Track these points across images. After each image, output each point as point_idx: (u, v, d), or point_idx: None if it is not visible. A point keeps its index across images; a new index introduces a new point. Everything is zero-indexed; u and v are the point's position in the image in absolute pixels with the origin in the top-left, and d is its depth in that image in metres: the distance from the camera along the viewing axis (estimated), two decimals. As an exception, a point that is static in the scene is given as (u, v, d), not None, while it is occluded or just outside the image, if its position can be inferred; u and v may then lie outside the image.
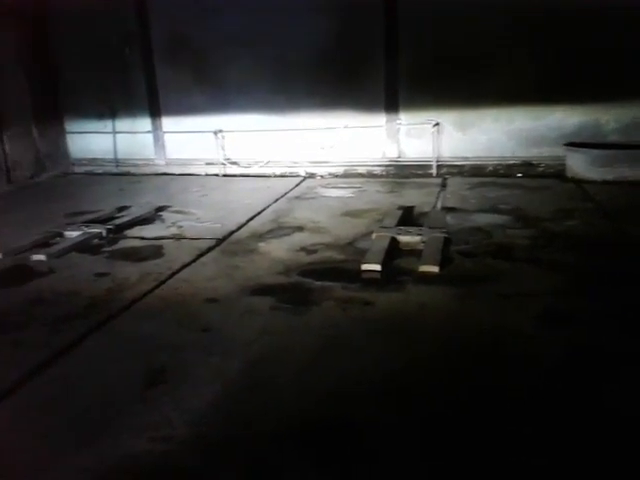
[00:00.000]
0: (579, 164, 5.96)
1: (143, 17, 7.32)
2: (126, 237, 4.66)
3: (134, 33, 7.37)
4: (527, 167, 6.51)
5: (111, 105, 7.62)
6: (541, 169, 6.47)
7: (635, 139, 6.08)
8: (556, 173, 6.28)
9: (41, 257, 4.09)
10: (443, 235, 4.09)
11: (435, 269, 3.53)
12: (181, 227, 4.90)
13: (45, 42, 7.57)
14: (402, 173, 6.88)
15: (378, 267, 3.59)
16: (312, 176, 7.10)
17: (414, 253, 3.91)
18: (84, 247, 4.40)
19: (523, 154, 6.55)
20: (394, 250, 3.98)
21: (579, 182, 5.88)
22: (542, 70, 6.21)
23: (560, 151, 6.26)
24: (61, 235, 4.63)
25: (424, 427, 2.06)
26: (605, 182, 5.75)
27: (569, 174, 6.10)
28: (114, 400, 2.31)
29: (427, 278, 3.46)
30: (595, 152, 5.87)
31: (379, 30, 6.65)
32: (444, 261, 3.68)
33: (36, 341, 2.85)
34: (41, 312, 3.20)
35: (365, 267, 3.62)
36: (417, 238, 4.09)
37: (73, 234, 4.60)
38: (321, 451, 1.96)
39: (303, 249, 4.16)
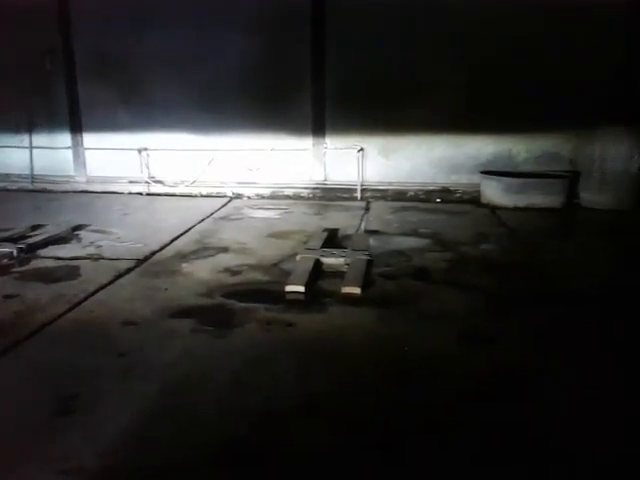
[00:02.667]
0: (493, 191, 6.30)
1: (65, 32, 7.10)
2: (39, 257, 4.43)
3: (57, 47, 7.13)
4: (446, 193, 6.81)
5: (29, 119, 7.28)
6: (459, 195, 6.78)
7: (544, 169, 6.52)
8: (472, 199, 6.61)
9: (-58, 278, 3.81)
10: (366, 258, 4.19)
11: (357, 291, 3.60)
12: (100, 247, 4.72)
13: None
14: (328, 196, 6.99)
15: (302, 288, 3.61)
16: (239, 197, 7.07)
17: (338, 275, 3.96)
18: (-8, 267, 4.14)
19: (443, 180, 6.85)
20: (318, 272, 4.02)
21: (493, 208, 6.21)
22: (463, 101, 6.55)
23: (476, 178, 6.61)
24: (-34, 254, 4.34)
25: (337, 445, 2.07)
26: (517, 208, 6.10)
27: (484, 200, 6.43)
28: (19, 431, 2.17)
29: (349, 299, 3.52)
30: (507, 180, 6.23)
31: (306, 54, 6.79)
32: (366, 283, 3.76)
33: None
34: (-61, 337, 2.97)
35: (289, 288, 3.63)
36: (341, 260, 4.16)
37: (-20, 253, 4.32)
38: (237, 474, 1.93)
39: (227, 270, 4.12)
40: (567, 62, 6.23)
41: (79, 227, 5.36)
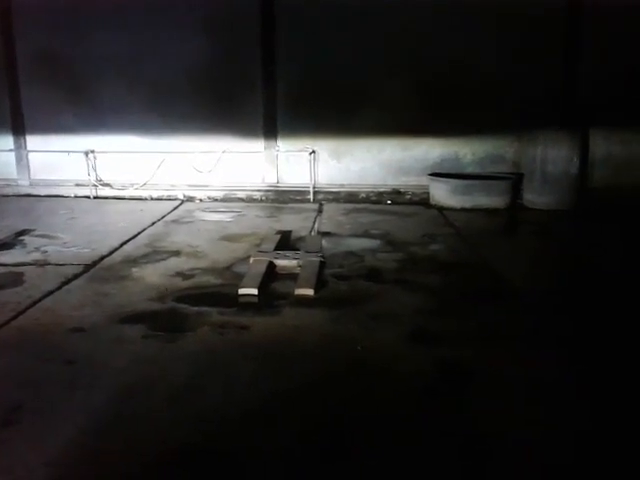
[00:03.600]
0: (441, 193, 6.47)
1: (6, 33, 6.84)
2: (-20, 264, 4.27)
3: (-5, 45, 6.87)
4: (396, 195, 6.95)
5: (-35, 120, 6.99)
6: (408, 197, 6.93)
7: (489, 170, 6.75)
8: (421, 201, 6.77)
9: None
10: (318, 259, 4.23)
11: (310, 292, 3.64)
12: (45, 252, 4.59)
13: None
14: (281, 198, 7.01)
15: (255, 291, 3.62)
16: (191, 200, 7.00)
17: (291, 277, 3.99)
18: None
19: (393, 182, 6.98)
20: (271, 274, 4.04)
21: (441, 209, 6.38)
22: (410, 105, 6.70)
23: (425, 180, 6.77)
24: None
25: (290, 447, 2.10)
26: (463, 209, 6.29)
27: (432, 202, 6.60)
28: (-40, 444, 2.10)
29: (303, 301, 3.56)
30: (454, 182, 6.41)
31: (257, 55, 6.79)
32: (319, 284, 3.80)
33: None
34: None
35: (242, 291, 3.63)
36: (294, 262, 4.19)
37: None
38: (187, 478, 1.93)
39: (179, 274, 4.08)
40: (505, 66, 6.48)
41: (23, 232, 5.19)
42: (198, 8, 6.70)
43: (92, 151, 7.02)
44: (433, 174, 6.71)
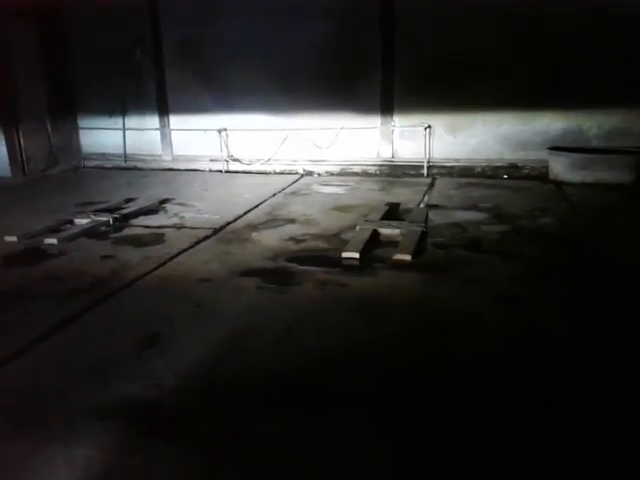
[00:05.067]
0: (560, 167, 6.29)
1: (154, 21, 7.73)
2: (131, 225, 5.05)
3: (145, 36, 7.78)
4: (513, 169, 6.85)
5: (122, 103, 8.03)
6: (526, 171, 6.80)
7: (615, 144, 6.40)
8: (539, 175, 6.62)
9: (53, 241, 4.49)
10: (420, 229, 4.44)
11: (408, 257, 3.88)
12: (182, 218, 5.28)
13: (61, 43, 7.99)
14: (395, 173, 7.23)
15: (357, 255, 3.95)
16: (310, 174, 7.47)
17: (393, 244, 4.26)
18: (92, 233, 4.79)
19: (510, 157, 6.89)
20: (375, 241, 4.34)
21: (559, 184, 6.20)
22: (531, 78, 6.54)
23: (544, 154, 6.59)
24: (71, 222, 5.03)
25: (380, 380, 2.42)
26: (584, 184, 6.06)
27: (551, 176, 6.43)
28: (115, 357, 2.68)
29: (400, 265, 3.82)
30: (574, 156, 6.19)
31: (376, 36, 7.01)
32: (418, 251, 4.03)
33: (48, 310, 3.23)
34: (52, 287, 3.59)
35: (345, 255, 3.98)
36: (397, 231, 4.45)
37: (82, 221, 4.99)
38: (290, 396, 2.33)
39: (292, 239, 4.53)
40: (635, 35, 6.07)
41: (165, 200, 5.97)
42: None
43: (224, 129, 7.74)
44: (553, 148, 6.52)
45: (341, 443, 2.03)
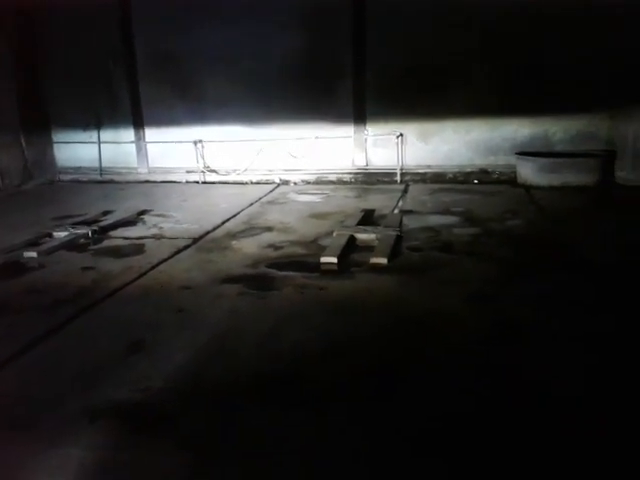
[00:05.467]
0: (528, 171, 6.52)
1: (126, 33, 7.79)
2: (110, 237, 5.09)
3: (118, 48, 7.84)
4: (483, 174, 7.07)
5: (96, 116, 8.05)
6: (496, 176, 7.03)
7: (580, 148, 6.67)
8: (509, 180, 6.85)
9: (32, 254, 4.50)
10: (395, 233, 4.59)
11: (384, 261, 4.02)
12: (161, 228, 5.34)
13: (31, 55, 7.98)
14: (369, 180, 7.40)
15: (334, 260, 4.06)
16: (286, 183, 7.59)
17: (369, 249, 4.38)
18: (71, 246, 4.82)
19: (480, 162, 7.12)
20: (351, 246, 4.47)
21: (528, 188, 6.44)
22: (499, 85, 6.80)
23: (513, 159, 6.83)
24: (50, 235, 5.04)
25: (355, 378, 2.53)
26: (551, 187, 6.30)
27: (520, 180, 6.66)
28: (101, 364, 2.74)
29: (377, 268, 3.95)
30: (542, 160, 6.43)
31: (347, 47, 7.20)
32: (393, 255, 4.17)
33: (32, 321, 3.27)
34: (35, 299, 3.61)
35: (323, 260, 4.09)
36: (372, 236, 4.58)
37: (61, 234, 5.01)
38: (272, 394, 2.42)
39: (271, 246, 4.63)
40: (597, 43, 6.34)
41: (143, 212, 6.01)
42: (293, 3, 7.19)
43: (200, 141, 7.82)
44: (521, 153, 6.76)
45: (325, 433, 2.13)
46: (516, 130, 7.02)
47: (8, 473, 1.98)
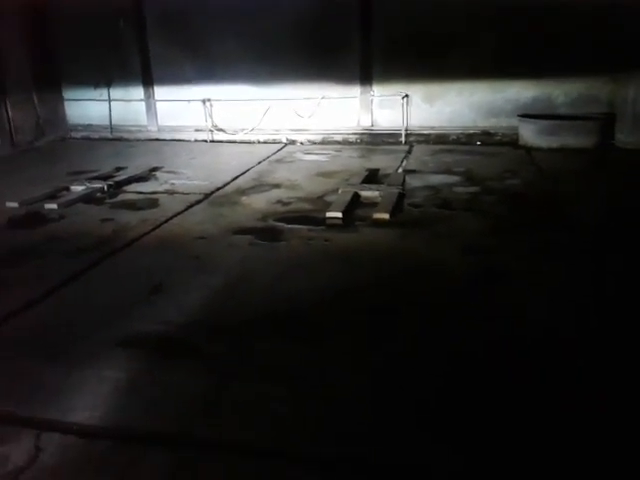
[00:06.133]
0: (529, 133, 6.67)
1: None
2: (125, 192, 5.32)
3: (128, 7, 7.89)
4: (486, 136, 7.22)
5: (107, 75, 8.17)
6: (498, 138, 7.17)
7: (581, 111, 6.79)
8: (510, 141, 7.00)
9: (53, 206, 4.75)
10: (398, 191, 4.80)
11: (386, 216, 4.25)
12: (173, 184, 5.56)
13: (44, 15, 8.06)
14: (374, 141, 7.55)
15: (339, 214, 4.29)
16: (293, 143, 7.75)
17: (372, 205, 4.60)
18: (89, 199, 5.07)
19: (483, 124, 7.25)
20: (356, 203, 4.69)
21: (529, 149, 6.60)
22: (502, 48, 6.86)
23: (515, 122, 6.96)
24: (67, 189, 5.28)
25: (357, 317, 2.80)
26: (551, 149, 6.46)
27: (521, 142, 6.81)
28: (125, 303, 3.02)
29: (379, 223, 4.19)
30: (542, 122, 6.57)
31: (355, 8, 7.24)
32: (396, 211, 4.40)
33: (57, 266, 3.54)
34: (58, 247, 3.88)
35: (329, 214, 4.32)
36: (376, 193, 4.80)
37: (78, 188, 5.25)
38: (282, 329, 2.70)
39: (279, 202, 4.86)
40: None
41: (155, 169, 6.22)
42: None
43: (208, 99, 7.95)
44: (522, 115, 6.89)
45: (327, 359, 2.41)
46: (519, 93, 7.11)
47: (51, 391, 2.26)
